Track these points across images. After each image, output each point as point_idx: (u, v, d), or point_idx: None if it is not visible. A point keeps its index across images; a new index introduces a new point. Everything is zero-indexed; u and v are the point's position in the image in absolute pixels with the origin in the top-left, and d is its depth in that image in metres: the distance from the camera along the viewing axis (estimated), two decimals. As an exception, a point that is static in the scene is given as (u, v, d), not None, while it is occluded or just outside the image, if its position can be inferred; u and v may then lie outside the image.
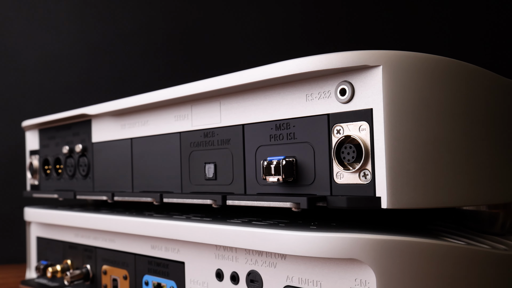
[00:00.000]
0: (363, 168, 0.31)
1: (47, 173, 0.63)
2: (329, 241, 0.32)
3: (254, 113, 0.38)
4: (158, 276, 0.46)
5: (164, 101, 0.44)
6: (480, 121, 0.35)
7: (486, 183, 0.35)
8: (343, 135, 0.32)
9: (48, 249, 0.62)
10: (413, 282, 0.31)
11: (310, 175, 0.34)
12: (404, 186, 0.31)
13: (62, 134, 0.60)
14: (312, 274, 0.34)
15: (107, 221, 0.50)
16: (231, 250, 0.39)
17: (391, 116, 0.30)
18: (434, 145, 0.32)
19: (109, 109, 0.50)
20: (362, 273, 0.31)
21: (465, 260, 0.32)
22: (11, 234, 0.93)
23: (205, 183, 0.42)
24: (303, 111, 0.35)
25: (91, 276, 0.54)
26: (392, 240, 0.31)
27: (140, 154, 0.49)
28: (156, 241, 0.46)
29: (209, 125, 0.42)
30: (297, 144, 0.35)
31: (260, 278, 0.37)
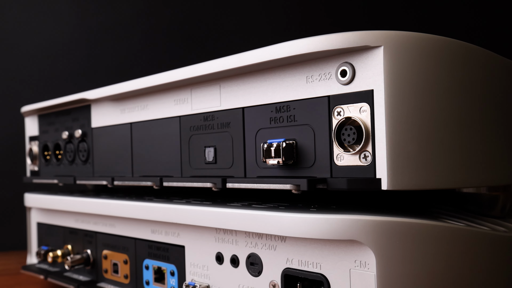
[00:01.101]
0: (363, 149, 0.31)
1: (46, 159, 0.63)
2: (329, 223, 0.32)
3: (254, 96, 0.38)
4: (158, 260, 0.46)
5: (164, 85, 0.44)
6: (481, 103, 0.35)
7: (486, 164, 0.35)
8: (344, 117, 0.32)
9: (49, 235, 0.62)
10: (413, 264, 0.31)
11: (310, 157, 0.34)
12: (405, 168, 0.30)
13: (61, 119, 0.60)
14: (312, 256, 0.34)
15: (107, 206, 0.50)
16: (231, 233, 0.39)
17: (392, 97, 0.30)
18: (435, 126, 0.32)
19: (109, 93, 0.50)
20: (362, 255, 0.31)
21: (465, 241, 0.32)
22: (12, 221, 0.93)
23: (205, 167, 0.42)
24: (303, 93, 0.35)
25: (91, 260, 0.54)
26: (392, 222, 0.31)
27: (139, 139, 0.49)
28: (156, 225, 0.46)
29: (209, 108, 0.42)
30: (297, 126, 0.35)
31: (260, 261, 0.37)
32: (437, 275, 0.31)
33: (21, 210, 0.75)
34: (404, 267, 0.31)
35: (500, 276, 0.33)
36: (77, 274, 0.56)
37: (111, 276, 0.51)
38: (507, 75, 0.39)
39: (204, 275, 0.41)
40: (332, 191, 0.58)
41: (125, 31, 0.96)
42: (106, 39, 0.96)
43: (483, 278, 0.33)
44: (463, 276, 0.32)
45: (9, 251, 0.92)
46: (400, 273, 0.30)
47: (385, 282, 0.30)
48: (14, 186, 0.90)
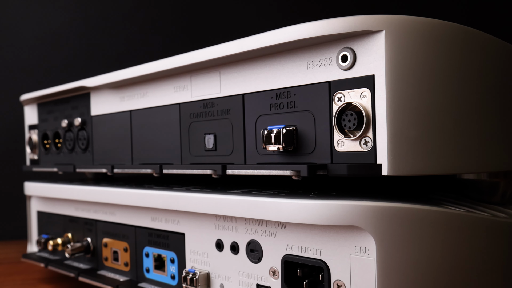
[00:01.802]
0: (364, 135, 0.31)
1: (46, 148, 0.63)
2: (329, 209, 0.31)
3: (254, 82, 0.38)
4: (159, 248, 0.46)
5: (163, 72, 0.44)
6: (483, 88, 0.35)
7: (487, 150, 0.35)
8: (344, 103, 0.32)
9: (49, 223, 0.62)
10: (413, 249, 0.31)
11: (310, 143, 0.34)
12: (405, 153, 0.30)
13: (60, 108, 0.60)
14: (312, 243, 0.34)
15: (107, 194, 0.50)
16: (231, 220, 0.39)
17: (393, 82, 0.30)
18: (436, 111, 0.32)
19: (108, 80, 0.49)
20: (362, 240, 0.31)
21: (465, 227, 0.32)
22: (12, 210, 0.93)
23: (205, 154, 0.42)
24: (303, 79, 0.35)
25: (91, 249, 0.54)
26: (393, 207, 0.30)
27: (139, 127, 0.49)
28: (156, 213, 0.46)
29: (209, 95, 0.42)
30: (298, 112, 0.35)
31: (260, 248, 0.37)
32: (437, 261, 0.31)
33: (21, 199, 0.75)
34: (404, 253, 0.30)
35: (500, 262, 0.33)
36: (78, 262, 0.56)
37: (112, 264, 0.51)
38: (508, 60, 0.38)
39: (204, 262, 0.41)
40: (333, 178, 0.58)
41: (125, 19, 0.96)
42: (106, 27, 0.96)
43: (483, 263, 0.33)
44: (463, 262, 0.32)
45: (10, 240, 0.92)
46: (400, 259, 0.30)
47: (385, 267, 0.30)
48: (14, 175, 0.90)
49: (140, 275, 0.48)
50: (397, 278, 0.30)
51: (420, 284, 0.31)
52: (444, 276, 0.31)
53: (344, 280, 0.32)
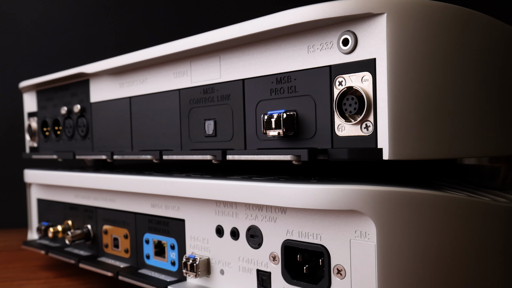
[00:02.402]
0: (365, 119, 0.31)
1: (45, 135, 0.62)
2: (329, 193, 0.31)
3: (254, 67, 0.38)
4: (159, 234, 0.46)
5: (163, 57, 0.44)
6: (484, 71, 0.35)
7: (488, 134, 0.34)
8: (345, 87, 0.32)
9: (49, 211, 0.62)
10: (413, 233, 0.31)
11: (311, 128, 0.34)
12: (406, 137, 0.30)
13: (60, 95, 0.59)
14: (312, 228, 0.34)
15: (107, 180, 0.50)
16: (231, 206, 0.39)
17: (395, 65, 0.30)
18: (437, 95, 0.31)
19: (107, 66, 0.49)
20: (363, 225, 0.31)
21: (466, 211, 0.32)
22: (12, 198, 0.93)
23: (205, 140, 0.42)
24: (304, 64, 0.34)
25: (92, 235, 0.54)
26: (393, 192, 0.30)
27: (139, 113, 0.48)
28: (156, 199, 0.46)
29: (209, 81, 0.41)
30: (298, 97, 0.35)
31: (260, 233, 0.37)
32: (438, 245, 0.31)
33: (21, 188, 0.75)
34: (404, 237, 0.30)
35: (500, 246, 0.33)
36: (78, 249, 0.56)
37: (112, 250, 0.52)
38: (510, 43, 0.38)
39: (204, 248, 0.41)
40: (333, 163, 0.58)
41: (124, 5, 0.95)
42: (105, 14, 0.95)
43: (483, 247, 0.33)
44: (463, 246, 0.32)
45: (10, 228, 0.92)
46: (400, 243, 0.30)
47: (385, 252, 0.30)
48: (13, 164, 0.90)
49: (141, 261, 0.48)
50: (398, 262, 0.30)
51: (420, 268, 0.31)
52: (444, 260, 0.31)
53: (344, 265, 0.32)
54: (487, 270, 0.33)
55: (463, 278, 0.32)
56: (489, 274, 0.33)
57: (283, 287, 0.36)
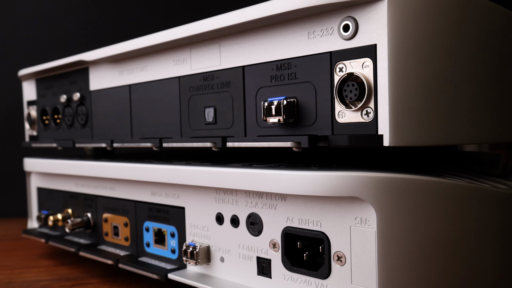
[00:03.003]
0: (365, 106, 0.31)
1: (45, 124, 0.62)
2: (330, 180, 0.31)
3: (254, 54, 0.38)
4: (159, 222, 0.46)
5: (163, 44, 0.43)
6: (486, 57, 0.34)
7: (489, 121, 0.34)
8: (346, 73, 0.32)
9: (49, 199, 0.62)
10: (413, 220, 0.31)
11: (311, 115, 0.34)
12: (407, 124, 0.30)
13: (59, 83, 0.59)
14: (312, 215, 0.34)
15: (107, 168, 0.50)
16: (231, 193, 0.39)
17: (396, 51, 0.30)
18: (438, 81, 0.31)
19: (107, 54, 0.49)
20: (363, 212, 0.31)
21: (467, 198, 0.32)
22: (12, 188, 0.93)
23: (204, 127, 0.42)
24: (305, 50, 0.34)
25: (92, 224, 0.54)
26: (394, 178, 0.30)
27: (138, 101, 0.48)
28: (156, 187, 0.46)
29: (209, 68, 0.41)
30: (299, 84, 0.35)
31: (260, 220, 0.37)
32: (438, 231, 0.31)
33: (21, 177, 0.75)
34: (404, 223, 0.30)
35: (499, 233, 0.33)
36: (78, 238, 0.56)
37: (112, 238, 0.52)
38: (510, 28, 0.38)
39: (205, 236, 0.41)
40: (334, 151, 0.58)
41: (123, -3, 0.95)
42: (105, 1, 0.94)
43: (483, 234, 0.33)
44: (463, 232, 0.32)
45: (10, 218, 0.92)
46: (400, 229, 0.30)
47: (385, 238, 0.30)
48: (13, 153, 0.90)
49: (141, 249, 0.48)
50: (398, 249, 0.30)
51: (420, 254, 0.31)
52: (444, 246, 0.31)
53: (344, 252, 0.32)
54: (487, 256, 0.33)
55: (463, 263, 0.32)
56: (488, 260, 0.33)
57: (283, 274, 0.36)
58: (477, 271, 0.32)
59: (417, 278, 0.31)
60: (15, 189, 0.92)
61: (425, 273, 0.31)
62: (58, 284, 0.51)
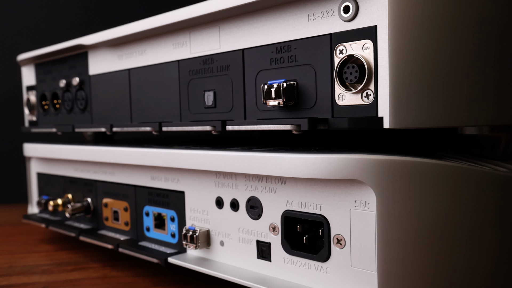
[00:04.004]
0: (365, 88, 0.31)
1: (44, 109, 0.62)
2: (329, 162, 0.31)
3: (254, 37, 0.37)
4: (159, 207, 0.46)
5: (162, 27, 0.43)
6: (486, 39, 0.34)
7: (489, 103, 0.34)
8: (346, 55, 0.31)
9: (49, 185, 0.62)
10: (413, 202, 0.31)
11: (311, 98, 0.34)
12: (407, 106, 0.30)
13: (58, 68, 0.59)
14: (312, 198, 0.34)
15: (106, 153, 0.50)
16: (231, 177, 0.39)
17: (396, 32, 0.29)
18: (438, 63, 0.31)
19: (106, 38, 0.48)
20: (363, 194, 0.31)
21: (467, 180, 0.32)
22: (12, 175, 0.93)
23: (204, 111, 0.42)
24: (305, 32, 0.34)
25: (92, 209, 0.54)
26: (394, 160, 0.30)
27: (138, 85, 0.48)
28: (155, 171, 0.46)
29: (208, 51, 0.41)
30: (298, 66, 0.34)
31: (260, 204, 0.37)
32: (438, 214, 0.31)
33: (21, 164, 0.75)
34: (404, 206, 0.30)
35: (500, 215, 0.33)
36: (78, 223, 0.56)
37: (112, 223, 0.52)
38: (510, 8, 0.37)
39: (204, 220, 0.41)
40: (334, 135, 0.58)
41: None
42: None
43: (484, 216, 0.33)
44: (463, 214, 0.32)
45: (10, 204, 0.92)
46: (400, 212, 0.30)
47: (385, 221, 0.30)
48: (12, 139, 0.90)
49: (141, 234, 0.48)
50: (397, 231, 0.30)
51: (420, 237, 0.31)
52: (444, 228, 0.31)
53: (344, 234, 0.32)
54: (487, 238, 0.33)
55: (463, 246, 0.32)
56: (488, 242, 0.33)
57: (282, 257, 0.36)
58: (476, 253, 0.32)
59: (416, 260, 0.31)
60: (15, 175, 0.92)
61: (424, 255, 0.31)
62: (59, 269, 0.51)
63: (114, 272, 0.50)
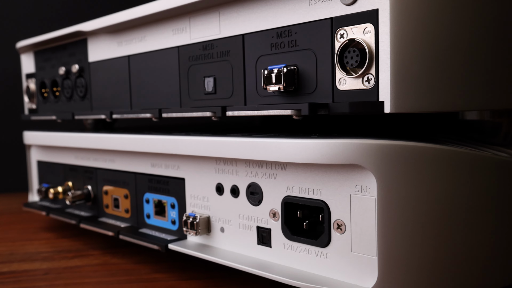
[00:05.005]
0: (366, 72, 0.30)
1: (44, 97, 0.62)
2: (330, 147, 0.31)
3: (254, 22, 0.37)
4: (159, 194, 0.46)
5: (161, 13, 0.43)
6: (488, 23, 0.34)
7: (491, 87, 0.34)
8: (347, 39, 0.31)
9: (49, 173, 0.62)
10: (414, 187, 0.30)
11: (311, 83, 0.34)
12: (408, 90, 0.30)
13: (57, 55, 0.59)
14: (313, 183, 0.34)
15: (107, 140, 0.49)
16: (231, 163, 0.39)
17: (398, 16, 0.29)
18: (440, 46, 0.31)
19: (105, 24, 0.48)
20: (363, 179, 0.31)
21: (467, 165, 0.32)
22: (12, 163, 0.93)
23: (204, 97, 0.41)
24: (305, 16, 0.34)
25: (92, 196, 0.54)
26: (394, 145, 0.30)
27: (138, 72, 0.48)
28: (156, 158, 0.46)
29: (208, 37, 0.41)
30: (299, 51, 0.34)
31: (260, 190, 0.37)
32: (439, 198, 0.31)
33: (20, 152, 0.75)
34: (405, 191, 0.30)
35: (501, 200, 0.33)
36: (79, 210, 0.56)
37: (112, 211, 0.52)
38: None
39: (205, 207, 0.41)
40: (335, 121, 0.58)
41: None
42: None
43: (485, 201, 0.32)
44: (464, 199, 0.32)
45: (11, 192, 0.92)
46: (401, 197, 0.30)
47: (385, 205, 0.30)
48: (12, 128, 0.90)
49: (141, 221, 0.48)
50: (398, 216, 0.30)
51: (421, 222, 0.31)
52: (445, 213, 0.31)
53: (344, 220, 0.32)
54: (488, 223, 0.33)
55: (465, 230, 0.32)
56: (489, 226, 0.33)
57: (283, 243, 0.36)
58: (478, 237, 0.32)
59: (417, 245, 0.31)
60: (15, 164, 0.92)
61: (425, 240, 0.31)
62: (59, 256, 0.51)
63: (115, 259, 0.50)
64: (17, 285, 0.43)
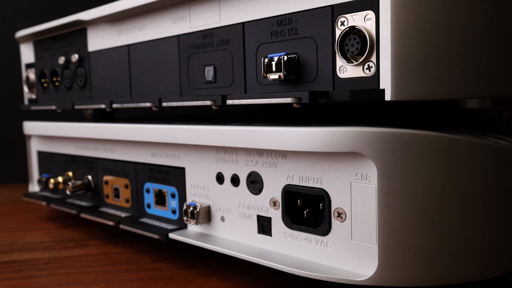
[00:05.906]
0: (367, 60, 0.30)
1: (44, 87, 0.62)
2: (331, 135, 0.31)
3: (254, 10, 0.37)
4: (159, 183, 0.46)
5: (161, 1, 0.42)
6: (489, 10, 0.34)
7: (492, 75, 0.34)
8: (348, 27, 0.31)
9: (49, 163, 0.62)
10: (415, 175, 0.30)
11: (312, 71, 0.33)
12: (409, 78, 0.30)
13: (57, 45, 0.58)
14: (313, 172, 0.34)
15: (107, 130, 0.49)
16: (231, 152, 0.39)
17: (399, 3, 0.29)
18: (441, 34, 0.31)
19: (104, 13, 0.48)
20: (364, 167, 0.31)
21: (468, 152, 0.31)
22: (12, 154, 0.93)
23: (204, 86, 0.41)
24: (306, 4, 0.33)
25: (92, 186, 0.54)
26: (395, 133, 0.30)
27: (137, 61, 0.48)
28: (156, 148, 0.46)
29: (208, 25, 0.40)
30: (299, 39, 0.34)
31: (261, 179, 0.37)
32: (439, 186, 0.31)
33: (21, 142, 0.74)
34: (405, 179, 0.30)
35: (502, 187, 0.33)
36: (79, 200, 0.56)
37: (113, 200, 0.52)
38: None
39: (205, 196, 0.41)
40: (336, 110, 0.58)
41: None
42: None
43: (486, 189, 0.32)
44: (465, 187, 0.32)
45: (11, 183, 0.93)
46: (401, 185, 0.30)
47: (386, 194, 0.30)
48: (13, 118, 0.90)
49: (141, 210, 0.48)
50: (398, 204, 0.30)
51: (421, 210, 0.31)
52: (446, 201, 0.31)
53: (345, 208, 0.32)
54: (488, 210, 0.33)
55: (465, 218, 0.32)
56: (491, 214, 0.33)
57: (283, 232, 0.36)
58: (478, 225, 0.32)
59: (417, 233, 0.31)
60: (15, 155, 0.91)
61: (425, 227, 0.31)
62: (60, 245, 0.51)
63: (115, 248, 0.50)
64: (18, 274, 0.43)
